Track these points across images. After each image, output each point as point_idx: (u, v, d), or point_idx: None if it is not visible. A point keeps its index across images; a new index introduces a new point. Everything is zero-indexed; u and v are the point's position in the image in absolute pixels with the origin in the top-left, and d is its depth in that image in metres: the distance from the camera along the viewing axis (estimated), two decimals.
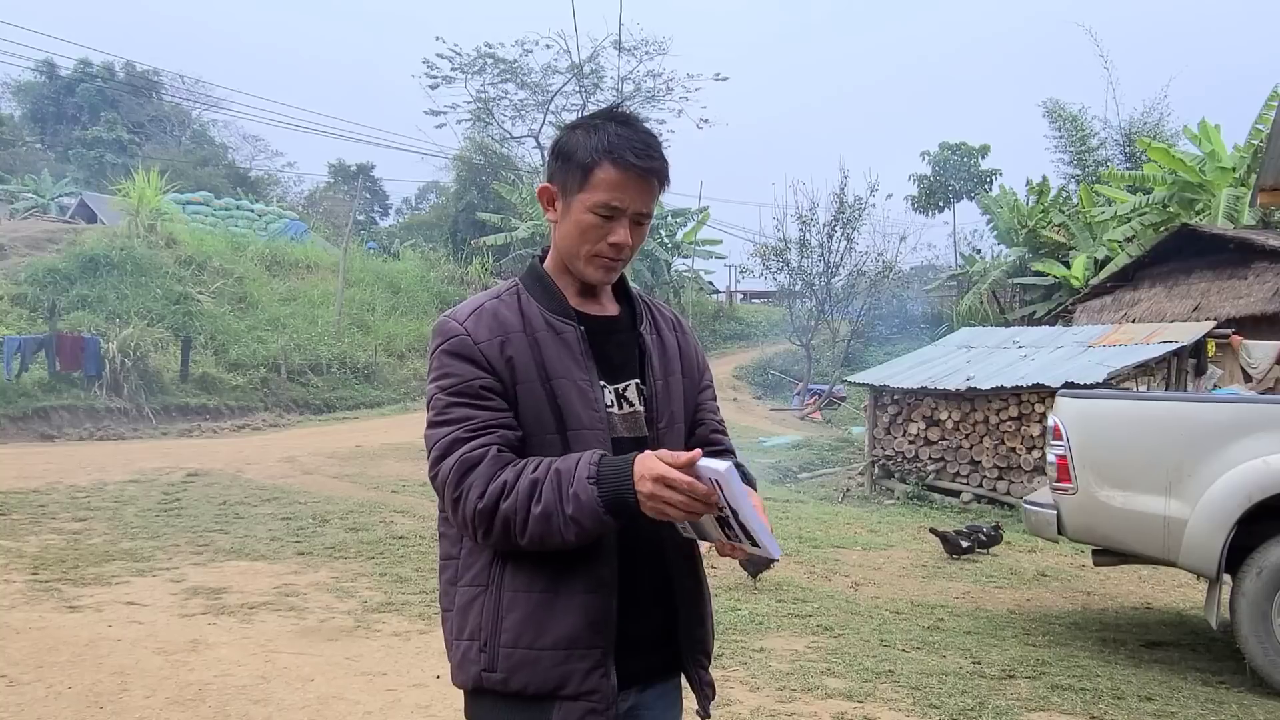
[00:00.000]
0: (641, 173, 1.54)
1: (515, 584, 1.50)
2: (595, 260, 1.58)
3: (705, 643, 1.66)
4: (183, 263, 21.00)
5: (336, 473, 10.58)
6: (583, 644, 1.48)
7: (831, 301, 25.23)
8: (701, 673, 1.64)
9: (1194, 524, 4.81)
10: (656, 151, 1.57)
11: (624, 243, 1.56)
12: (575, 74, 31.04)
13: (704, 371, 1.79)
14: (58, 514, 7.74)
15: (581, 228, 1.56)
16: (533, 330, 1.55)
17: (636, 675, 1.58)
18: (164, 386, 16.45)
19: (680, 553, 1.61)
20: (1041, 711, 4.16)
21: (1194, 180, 19.74)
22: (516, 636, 1.48)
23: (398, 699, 3.99)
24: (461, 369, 1.51)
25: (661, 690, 1.63)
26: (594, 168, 1.53)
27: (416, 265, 29.25)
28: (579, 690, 1.47)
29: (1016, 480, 11.54)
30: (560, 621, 1.48)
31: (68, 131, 39.89)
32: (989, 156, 31.50)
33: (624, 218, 1.55)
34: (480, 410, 1.50)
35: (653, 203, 1.60)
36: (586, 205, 1.54)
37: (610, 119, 1.58)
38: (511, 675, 1.48)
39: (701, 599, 1.66)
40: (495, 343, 1.53)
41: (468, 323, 1.55)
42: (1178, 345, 11.21)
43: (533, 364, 1.53)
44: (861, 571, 7.39)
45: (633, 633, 1.54)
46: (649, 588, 1.57)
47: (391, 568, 6.40)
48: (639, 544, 1.55)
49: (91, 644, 4.52)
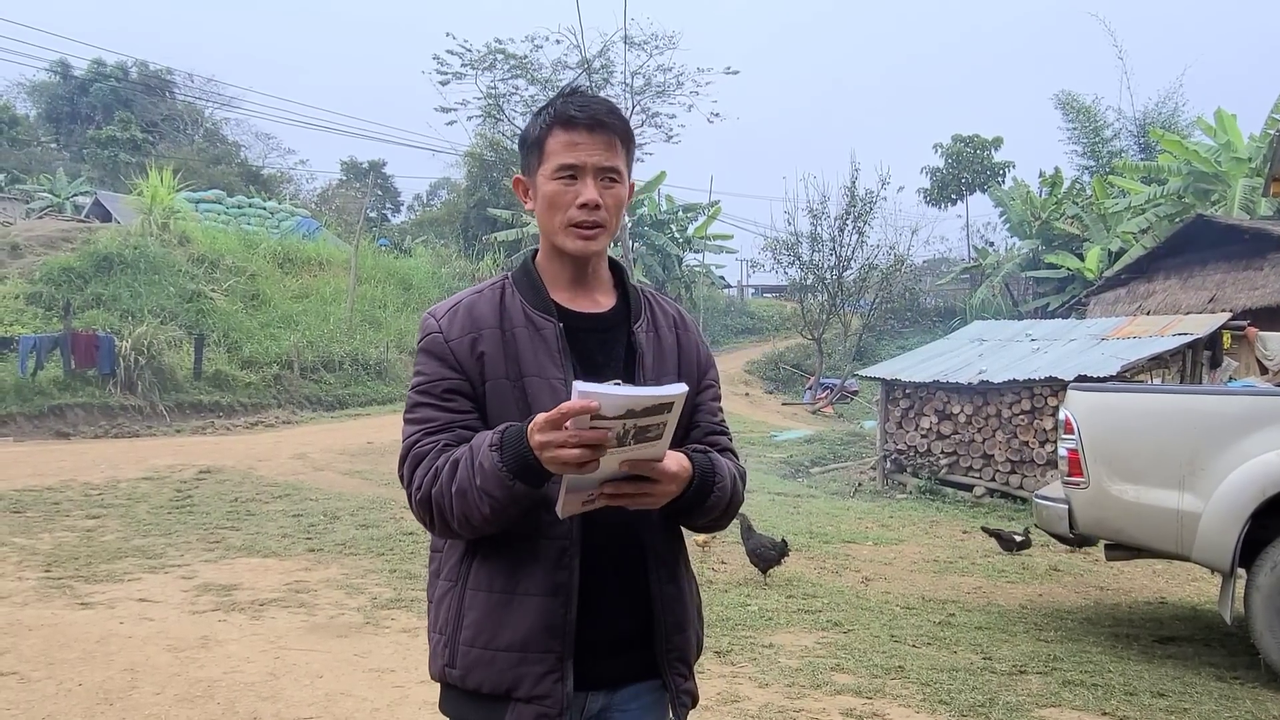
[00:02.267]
0: (589, 126, 1.54)
1: (477, 582, 1.51)
2: (570, 230, 1.56)
3: (683, 650, 1.60)
4: (196, 261, 21.11)
5: (347, 469, 10.61)
6: (537, 648, 1.47)
7: (843, 295, 25.12)
8: (679, 679, 1.59)
9: (1208, 518, 4.76)
10: (604, 107, 1.57)
11: (592, 200, 1.54)
12: (585, 69, 31.01)
13: (706, 371, 1.72)
14: (71, 511, 7.80)
15: (549, 199, 1.56)
16: (511, 325, 1.55)
17: (607, 678, 1.56)
18: (178, 384, 16.54)
19: (659, 558, 1.58)
20: (1053, 707, 4.13)
21: (1209, 171, 19.56)
22: (474, 635, 1.49)
23: (405, 695, 4.00)
24: (431, 368, 1.54)
25: (636, 692, 1.59)
26: (545, 138, 1.56)
27: (428, 262, 29.31)
28: (531, 694, 1.47)
29: (1029, 474, 11.46)
30: (516, 624, 1.48)
31: (82, 131, 40.14)
32: (1002, 149, 31.33)
33: (586, 176, 1.54)
34: (442, 411, 1.52)
35: (617, 159, 1.57)
36: (548, 175, 1.56)
37: (557, 97, 1.61)
38: (468, 673, 1.50)
39: (682, 605, 1.61)
40: (466, 340, 1.53)
41: (443, 320, 1.57)
42: (1193, 337, 11.10)
43: (504, 360, 1.52)
44: (872, 567, 7.36)
45: (600, 637, 1.52)
46: (620, 592, 1.54)
47: (401, 564, 6.41)
48: (609, 545, 1.53)
49: (102, 641, 4.55)
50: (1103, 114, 29.91)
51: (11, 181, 30.52)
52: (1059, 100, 30.27)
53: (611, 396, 1.27)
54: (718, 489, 1.53)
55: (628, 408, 1.28)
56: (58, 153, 39.37)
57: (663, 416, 1.32)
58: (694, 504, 1.51)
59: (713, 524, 1.62)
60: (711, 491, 1.52)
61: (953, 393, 12.48)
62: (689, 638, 1.63)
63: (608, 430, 1.29)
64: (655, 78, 32.54)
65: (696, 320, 1.82)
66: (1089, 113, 29.72)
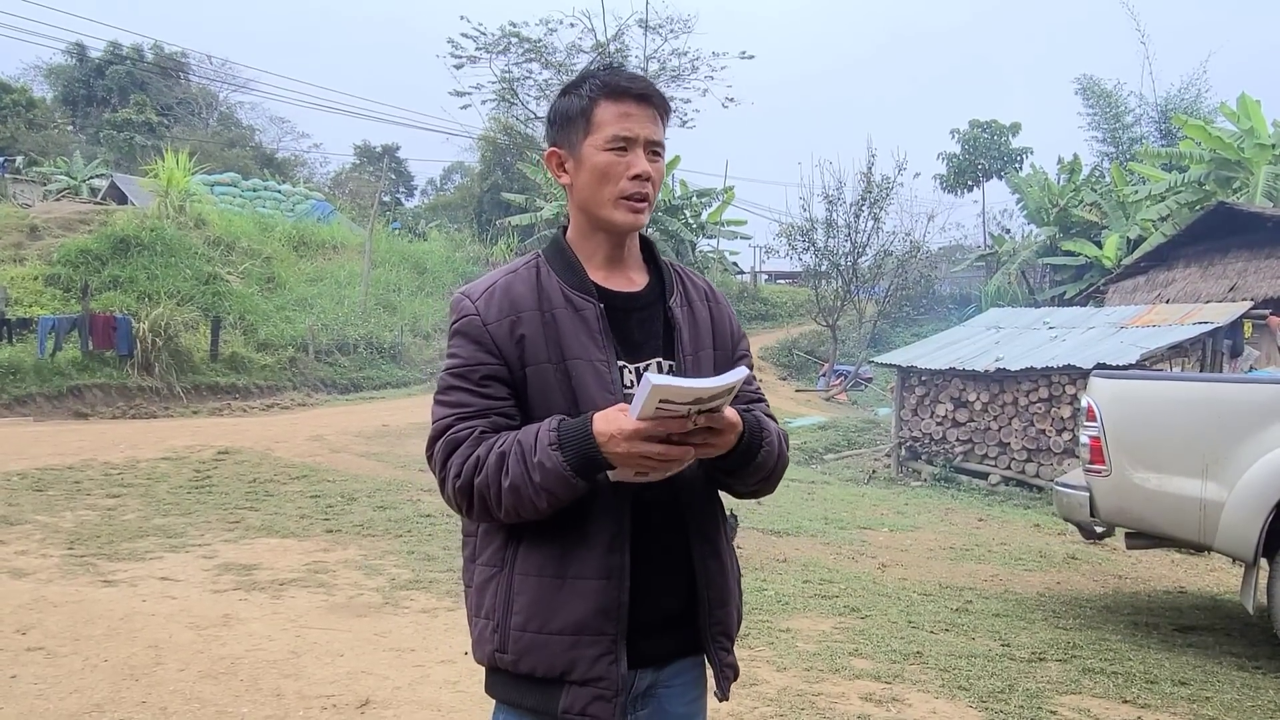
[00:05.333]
0: (639, 98, 1.55)
1: (526, 567, 1.50)
2: (622, 203, 1.54)
3: (726, 624, 1.61)
4: (211, 243, 21.19)
5: (364, 451, 10.66)
6: (592, 630, 1.47)
7: (858, 282, 24.96)
8: (723, 654, 1.61)
9: (1231, 507, 4.72)
10: (649, 82, 1.59)
11: (645, 171, 1.54)
12: (600, 53, 30.86)
13: (739, 342, 1.72)
14: (92, 490, 7.86)
15: (600, 170, 1.54)
16: (550, 307, 1.53)
17: (654, 656, 1.56)
18: (194, 366, 16.63)
19: (702, 533, 1.58)
20: (1073, 695, 4.12)
21: (1232, 158, 19.31)
22: (526, 620, 1.48)
23: (426, 674, 4.02)
24: (467, 352, 1.52)
25: (681, 668, 1.61)
26: (593, 109, 1.55)
27: (442, 246, 29.32)
28: (586, 676, 1.47)
29: (1046, 463, 11.41)
30: (569, 607, 1.47)
31: (98, 114, 40.28)
32: (1020, 134, 31.01)
33: (638, 148, 1.55)
34: (478, 397, 1.50)
35: (660, 133, 1.58)
36: (599, 146, 1.54)
37: (595, 71, 1.60)
38: (521, 658, 1.49)
39: (725, 579, 1.61)
40: (505, 323, 1.51)
41: (479, 302, 1.54)
42: (1213, 326, 11.01)
43: (545, 344, 1.50)
44: (888, 553, 7.35)
45: (649, 616, 1.53)
46: (668, 569, 1.55)
47: (419, 545, 6.44)
48: (657, 525, 1.53)
49: (126, 618, 4.59)
50: (1124, 100, 29.57)
51: (29, 164, 30.66)
52: (1080, 85, 29.94)
53: (683, 389, 1.30)
54: (766, 443, 1.55)
55: (696, 396, 1.32)
56: (74, 135, 39.51)
57: (725, 400, 1.36)
58: (745, 459, 1.51)
59: (763, 484, 1.62)
60: (761, 446, 1.54)
61: (969, 380, 12.42)
62: (730, 612, 1.63)
63: (675, 417, 1.33)
64: (670, 62, 32.43)
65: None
66: (1110, 98, 29.37)
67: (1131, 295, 16.92)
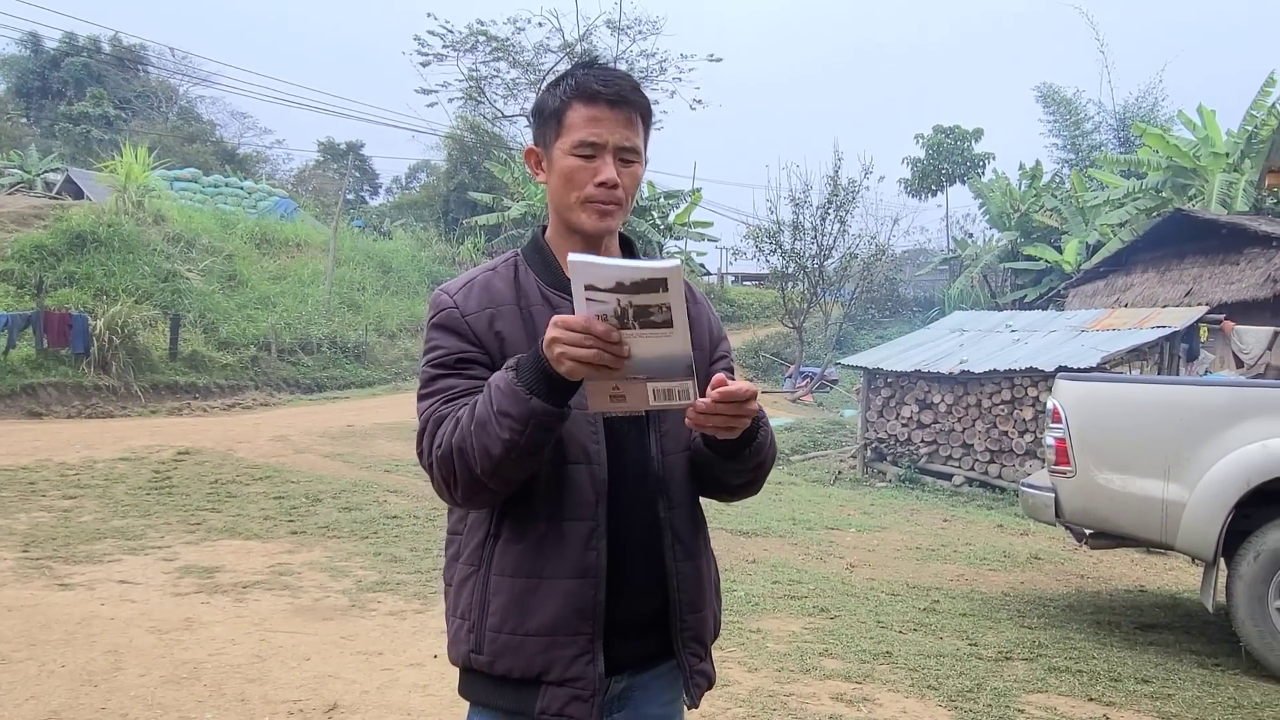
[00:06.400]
0: (612, 102, 1.50)
1: (501, 567, 1.48)
2: (587, 206, 1.52)
3: (699, 629, 1.58)
4: (171, 240, 20.77)
5: (328, 452, 10.51)
6: (568, 630, 1.45)
7: (824, 284, 25.15)
8: (694, 659, 1.57)
9: (1192, 507, 4.81)
10: (627, 82, 1.53)
11: (611, 180, 1.50)
12: (567, 53, 30.77)
13: (718, 342, 1.70)
14: (48, 491, 7.66)
15: (566, 174, 1.52)
16: (528, 304, 1.53)
17: (631, 660, 1.54)
18: (153, 365, 16.31)
19: (678, 535, 1.56)
20: (1039, 693, 4.17)
21: (1188, 165, 19.75)
22: (502, 621, 1.47)
23: (395, 678, 3.97)
24: (447, 341, 1.51)
25: (659, 672, 1.59)
26: (565, 110, 1.52)
27: (407, 245, 29.04)
28: (563, 677, 1.45)
29: (1008, 464, 11.58)
30: (545, 607, 1.46)
31: (53, 107, 39.33)
32: (982, 140, 31.46)
33: (606, 154, 1.51)
34: (460, 379, 1.49)
35: (636, 138, 1.53)
36: (566, 149, 1.52)
37: (578, 67, 1.56)
38: (497, 659, 1.47)
39: (699, 584, 1.58)
40: (484, 315, 1.51)
41: (458, 295, 1.54)
42: (1171, 330, 11.24)
43: (524, 338, 1.50)
44: (856, 553, 7.40)
45: (626, 618, 1.51)
46: (643, 572, 1.53)
47: (386, 547, 6.36)
48: (634, 525, 1.52)
49: (84, 622, 4.47)
50: (1083, 107, 30.14)
51: None
52: (1040, 93, 30.46)
53: (601, 266, 1.26)
54: (764, 425, 1.52)
55: (617, 279, 1.26)
56: (28, 128, 38.53)
57: (661, 297, 1.27)
58: (748, 439, 1.48)
59: (756, 472, 1.57)
60: (760, 426, 1.50)
61: (933, 382, 12.56)
62: (705, 618, 1.60)
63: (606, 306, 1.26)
64: (638, 63, 32.43)
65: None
66: (1070, 106, 29.91)
67: (1091, 299, 17.24)
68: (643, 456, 1.52)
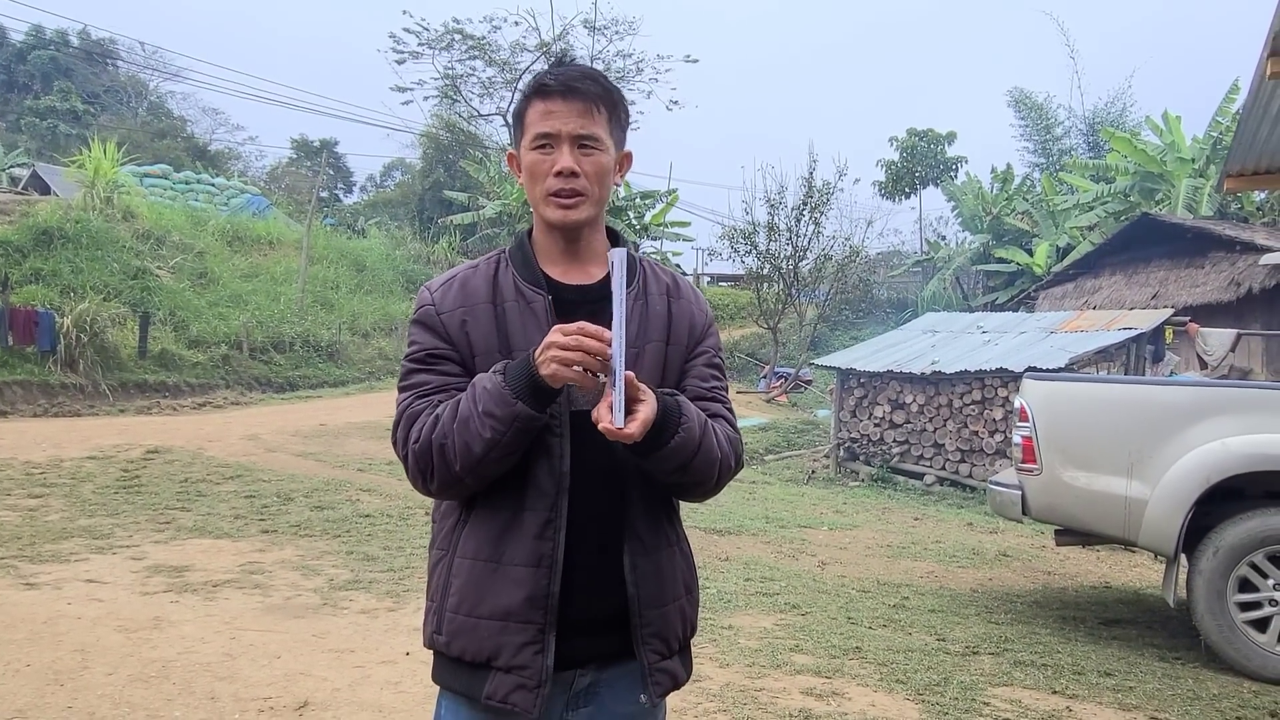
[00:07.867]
0: (562, 93, 1.53)
1: (465, 550, 1.53)
2: (549, 200, 1.55)
3: (660, 627, 1.55)
4: (141, 237, 20.50)
5: (300, 451, 10.44)
6: (519, 618, 1.47)
7: (799, 285, 25.27)
8: (654, 657, 1.55)
9: (1154, 505, 4.91)
10: (578, 72, 1.56)
11: (566, 167, 1.52)
12: (543, 52, 30.73)
13: (702, 339, 1.68)
14: (13, 490, 7.56)
15: (530, 170, 1.57)
16: (502, 300, 1.56)
17: (594, 655, 1.55)
18: (121, 363, 16.09)
19: (635, 532, 1.55)
20: (1005, 686, 4.24)
21: (1155, 170, 20.08)
22: (459, 602, 1.51)
23: (366, 675, 3.96)
24: (422, 337, 1.57)
25: (628, 669, 1.57)
26: (526, 108, 1.58)
27: (382, 243, 28.85)
28: (510, 663, 1.47)
29: (979, 463, 11.71)
30: (499, 592, 1.49)
31: (19, 100, 38.71)
32: (955, 143, 31.75)
33: (562, 144, 1.53)
34: (435, 375, 1.55)
35: (594, 126, 1.54)
36: (527, 146, 1.57)
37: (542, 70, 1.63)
38: (453, 640, 1.51)
39: (659, 581, 1.57)
40: (457, 314, 1.56)
41: (437, 293, 1.60)
42: (1137, 332, 11.43)
43: (494, 335, 1.54)
44: (828, 551, 7.46)
45: (584, 613, 1.51)
46: (604, 569, 1.53)
47: (358, 546, 6.34)
48: (595, 525, 1.52)
49: (50, 621, 4.43)
50: (1054, 112, 30.55)
51: None
52: (1012, 97, 30.83)
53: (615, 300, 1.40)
54: (683, 429, 1.46)
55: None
56: None
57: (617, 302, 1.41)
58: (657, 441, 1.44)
59: (679, 474, 1.52)
60: (677, 431, 1.46)
61: (906, 383, 12.69)
62: (668, 614, 1.58)
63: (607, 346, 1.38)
64: (615, 64, 32.44)
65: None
66: (1041, 110, 30.31)
67: (1061, 301, 17.49)
68: (608, 452, 1.51)
